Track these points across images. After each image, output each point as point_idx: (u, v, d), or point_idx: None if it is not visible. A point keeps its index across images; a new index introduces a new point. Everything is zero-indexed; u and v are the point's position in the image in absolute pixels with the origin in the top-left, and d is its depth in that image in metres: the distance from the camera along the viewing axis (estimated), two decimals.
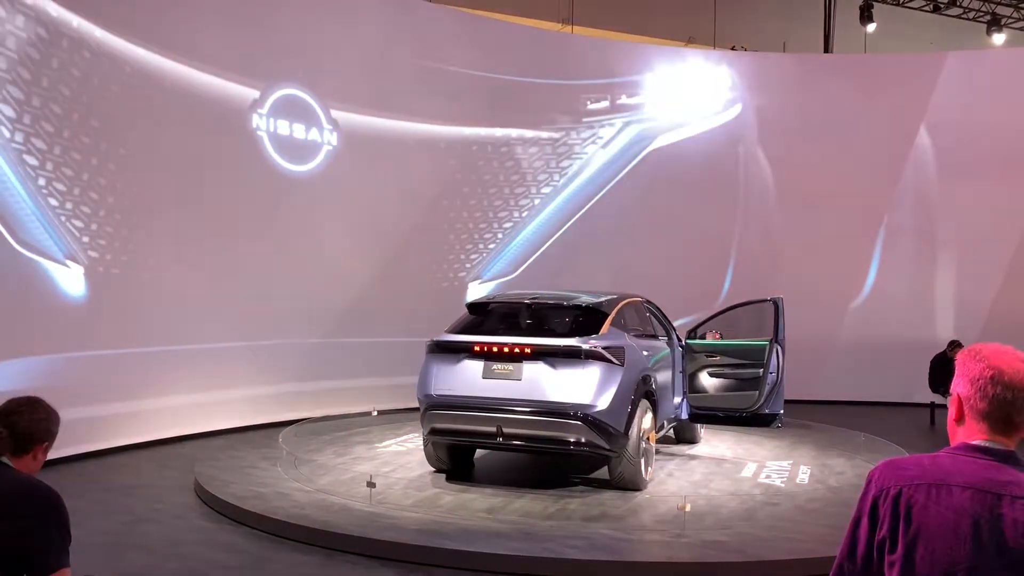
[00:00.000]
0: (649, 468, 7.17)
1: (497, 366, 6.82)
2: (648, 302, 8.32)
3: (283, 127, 10.27)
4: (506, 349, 6.82)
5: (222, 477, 7.15)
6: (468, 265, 12.19)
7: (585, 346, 6.66)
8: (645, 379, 7.08)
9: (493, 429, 6.78)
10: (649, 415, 7.12)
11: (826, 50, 16.60)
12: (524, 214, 12.67)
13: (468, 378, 6.90)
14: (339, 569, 5.25)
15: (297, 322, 10.36)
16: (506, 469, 7.85)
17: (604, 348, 6.69)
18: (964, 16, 17.43)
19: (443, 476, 7.37)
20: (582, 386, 6.59)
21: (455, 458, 7.49)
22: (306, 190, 10.48)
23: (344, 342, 10.69)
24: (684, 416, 8.38)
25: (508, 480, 7.34)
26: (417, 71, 11.53)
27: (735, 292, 12.54)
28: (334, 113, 10.73)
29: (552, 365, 6.68)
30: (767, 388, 8.02)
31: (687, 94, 13.62)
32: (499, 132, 12.41)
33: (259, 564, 5.33)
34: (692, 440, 9.14)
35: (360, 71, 10.99)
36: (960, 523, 1.77)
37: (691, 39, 16.51)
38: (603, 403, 6.58)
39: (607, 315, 7.05)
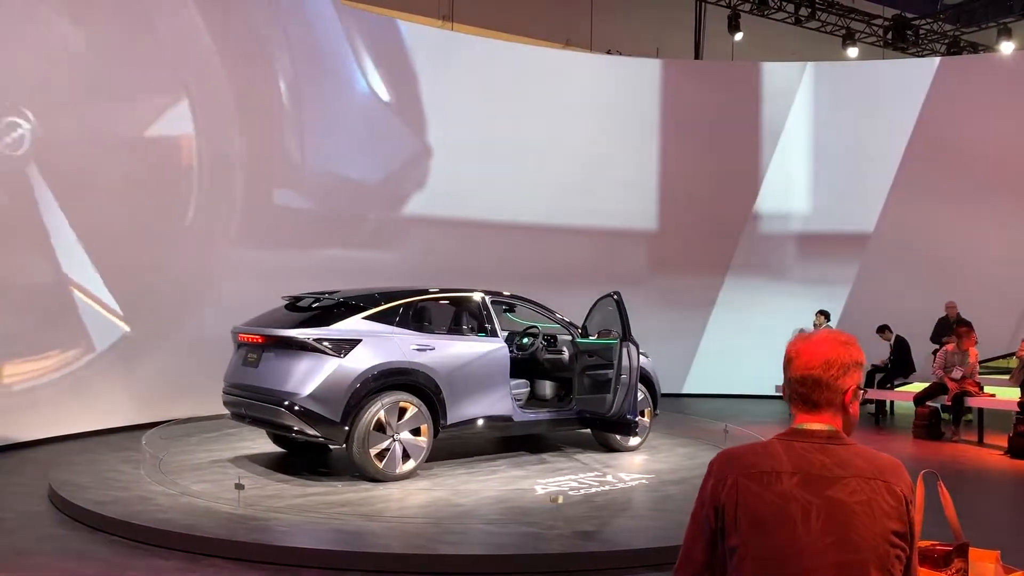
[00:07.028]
0: (411, 461, 7.13)
1: (250, 355, 7.30)
2: (501, 298, 8.34)
3: None
4: (250, 339, 7.29)
5: (79, 482, 6.79)
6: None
7: (298, 337, 6.90)
8: (394, 373, 7.07)
9: (242, 412, 7.31)
10: (415, 410, 7.14)
11: (696, 56, 17.22)
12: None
13: (235, 365, 7.52)
14: (203, 573, 5.07)
15: (161, 319, 9.93)
16: None
17: (319, 340, 6.88)
18: (822, 29, 18.47)
19: (317, 474, 7.26)
20: (292, 375, 6.86)
21: (291, 444, 7.96)
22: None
23: (217, 341, 10.30)
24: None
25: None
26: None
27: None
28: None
29: (276, 355, 7.01)
30: (621, 390, 7.70)
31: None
32: None
33: (116, 571, 5.08)
34: (608, 446, 8.49)
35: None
36: (790, 508, 1.84)
37: (568, 41, 16.80)
38: (308, 391, 6.77)
39: (360, 310, 7.24)
